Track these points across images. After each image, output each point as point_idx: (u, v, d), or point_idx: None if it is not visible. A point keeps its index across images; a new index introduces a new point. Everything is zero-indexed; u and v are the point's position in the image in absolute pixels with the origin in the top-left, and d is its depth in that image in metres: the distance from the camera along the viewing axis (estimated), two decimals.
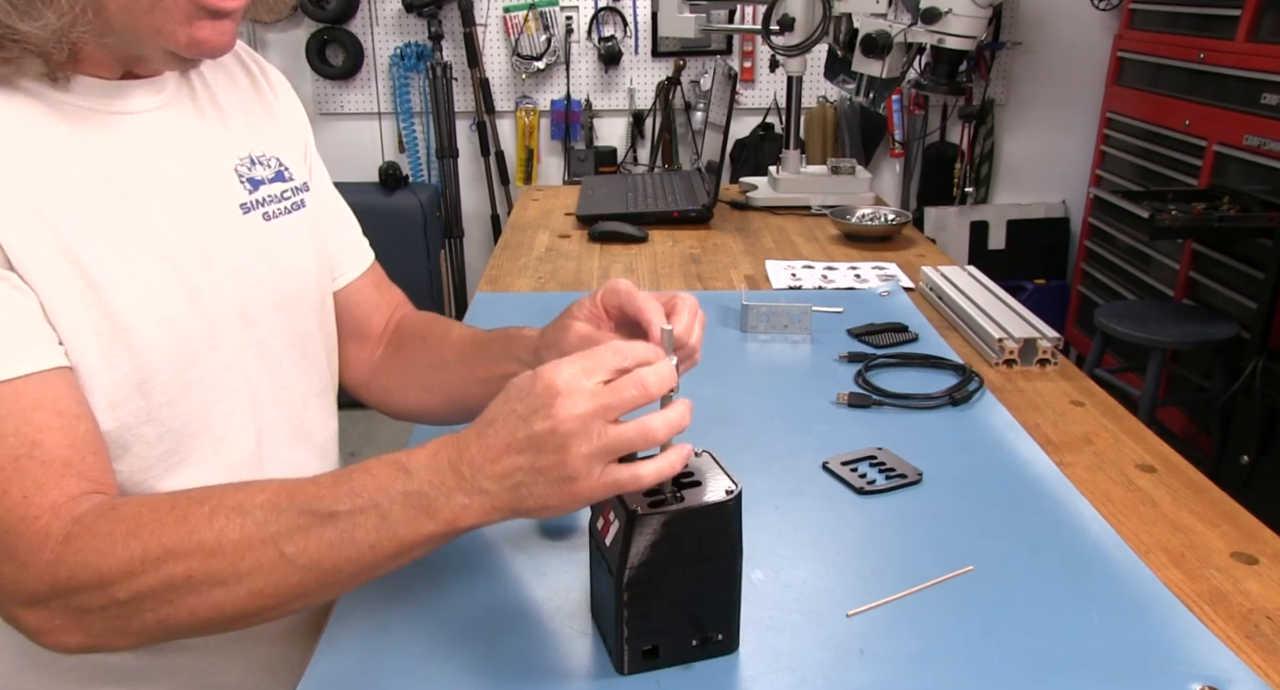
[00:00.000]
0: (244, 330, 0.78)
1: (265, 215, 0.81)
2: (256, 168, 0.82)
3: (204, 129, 0.78)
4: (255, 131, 0.83)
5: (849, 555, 0.84)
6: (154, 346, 0.69)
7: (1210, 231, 2.52)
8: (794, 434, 1.07)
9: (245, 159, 0.81)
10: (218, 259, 0.75)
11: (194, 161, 0.76)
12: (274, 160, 0.84)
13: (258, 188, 0.81)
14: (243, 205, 0.79)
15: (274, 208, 0.82)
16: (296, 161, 0.88)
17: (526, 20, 3.33)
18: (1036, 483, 0.96)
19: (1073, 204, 3.60)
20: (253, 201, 0.80)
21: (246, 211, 0.79)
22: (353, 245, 0.98)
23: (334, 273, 0.94)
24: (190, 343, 0.73)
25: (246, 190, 0.80)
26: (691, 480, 0.67)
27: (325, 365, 0.91)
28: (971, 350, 1.32)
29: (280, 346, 0.82)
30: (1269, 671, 0.70)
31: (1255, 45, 2.56)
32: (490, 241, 3.57)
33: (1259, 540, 0.87)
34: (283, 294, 0.82)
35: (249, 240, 0.78)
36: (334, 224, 0.95)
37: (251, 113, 0.84)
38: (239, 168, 0.80)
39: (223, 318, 0.75)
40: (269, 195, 0.82)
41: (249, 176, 0.80)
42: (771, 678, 0.69)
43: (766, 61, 3.41)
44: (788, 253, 1.79)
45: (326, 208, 0.94)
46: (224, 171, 0.79)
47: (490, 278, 1.66)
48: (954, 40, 1.86)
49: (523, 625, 0.75)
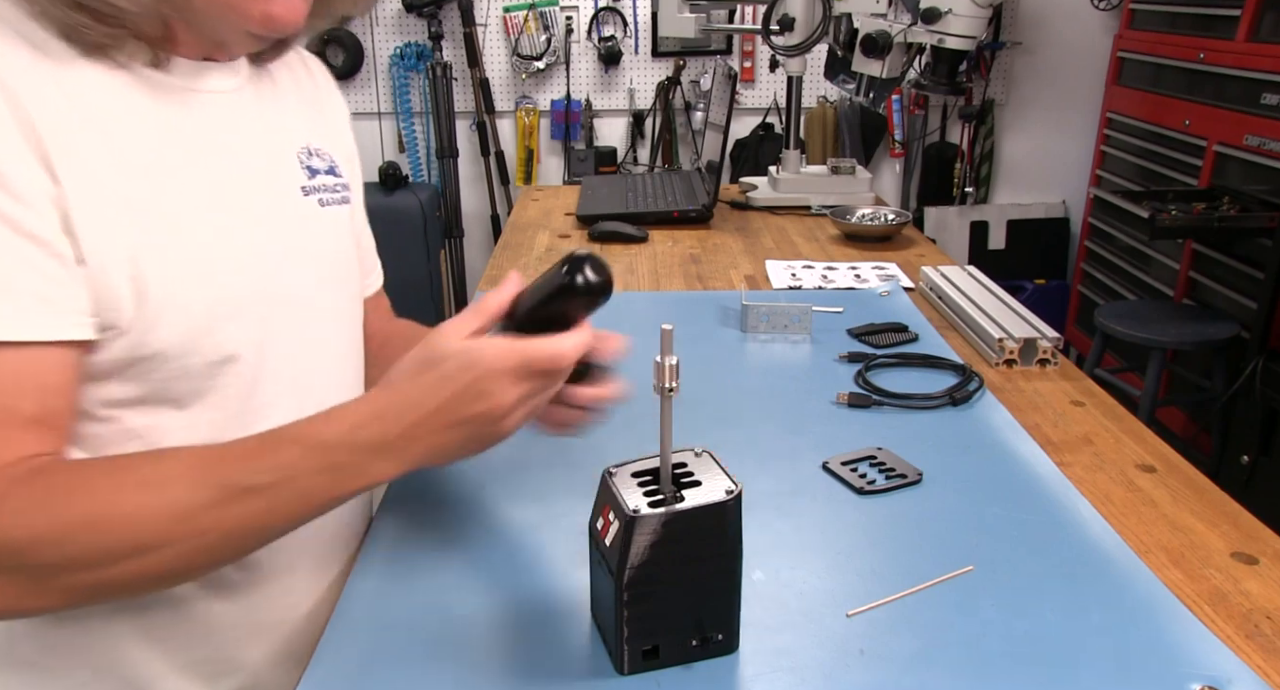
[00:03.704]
0: (305, 302, 0.82)
1: (321, 201, 0.85)
2: (314, 158, 0.86)
3: (273, 114, 0.83)
4: (312, 125, 0.88)
5: (849, 555, 0.84)
6: (229, 300, 0.73)
7: (1210, 231, 2.52)
8: (794, 434, 1.07)
9: (304, 149, 0.85)
10: (282, 231, 0.80)
11: (263, 141, 0.80)
12: (328, 155, 0.88)
13: (315, 176, 0.85)
14: (303, 188, 0.83)
15: (328, 196, 0.86)
16: (342, 161, 0.91)
17: (526, 20, 3.33)
18: (1036, 483, 0.96)
19: (1073, 204, 3.60)
20: (311, 186, 0.84)
21: (306, 194, 0.84)
22: (371, 262, 1.02)
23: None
24: (263, 302, 0.77)
25: (306, 175, 0.84)
26: (691, 480, 0.67)
27: (358, 365, 0.95)
28: (971, 350, 1.32)
29: (327, 319, 0.86)
30: (1269, 671, 0.70)
31: (1255, 45, 2.56)
32: (490, 241, 3.57)
33: (1259, 540, 0.87)
34: (335, 272, 0.87)
35: (306, 221, 0.83)
36: (362, 234, 0.98)
37: (309, 106, 0.89)
38: (300, 154, 0.84)
39: (285, 285, 0.79)
40: (324, 184, 0.86)
41: (307, 164, 0.85)
42: (771, 678, 0.69)
43: (766, 61, 3.42)
44: (788, 253, 1.79)
45: (358, 215, 0.96)
46: (288, 155, 0.83)
47: (490, 278, 1.66)
48: (954, 40, 1.86)
49: (523, 625, 0.75)
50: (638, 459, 0.69)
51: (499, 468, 0.97)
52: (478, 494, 0.94)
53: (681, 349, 0.54)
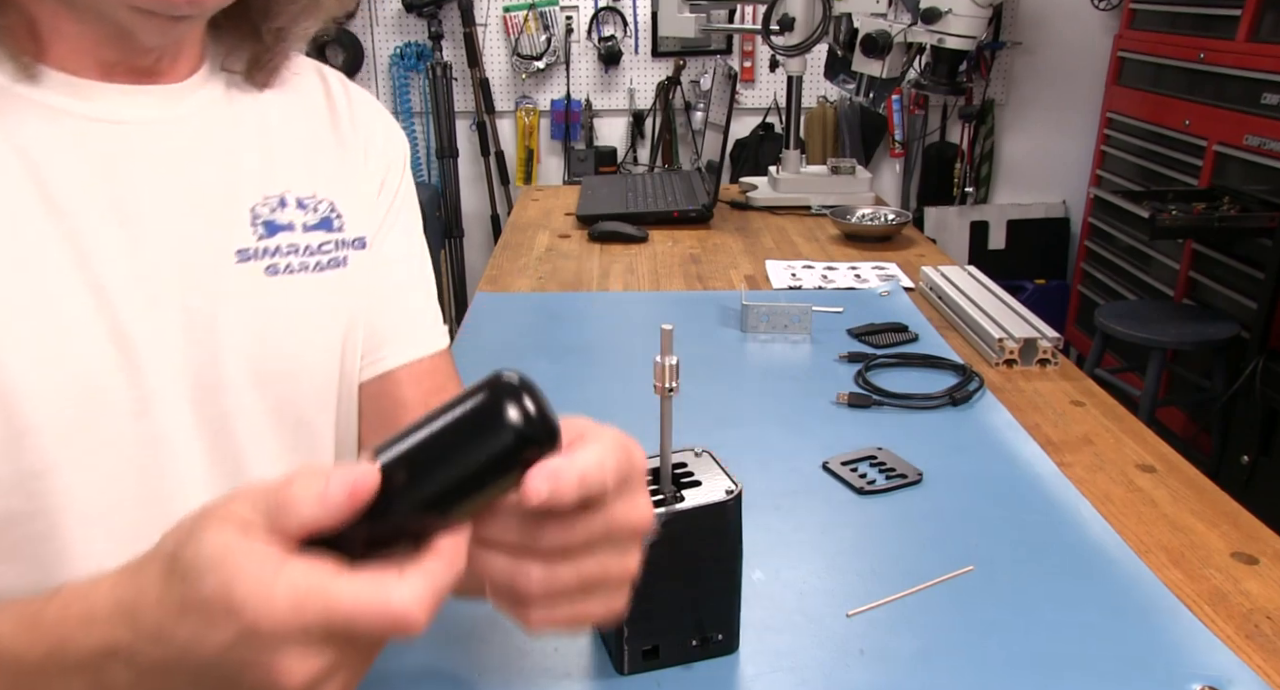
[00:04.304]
0: (198, 403, 0.63)
1: (270, 268, 0.66)
2: (286, 211, 0.68)
3: (226, 156, 0.66)
4: (310, 169, 0.70)
5: (849, 555, 0.84)
6: (36, 396, 0.55)
7: (1210, 231, 2.52)
8: (794, 434, 1.07)
9: (274, 199, 0.67)
10: (179, 308, 0.61)
11: (189, 190, 0.63)
12: (325, 205, 0.70)
13: (274, 234, 0.67)
14: (242, 251, 0.65)
15: (290, 261, 0.67)
16: (359, 209, 0.73)
17: (526, 20, 3.33)
18: (1036, 483, 0.96)
19: (1073, 204, 3.60)
20: (258, 249, 0.66)
21: (244, 259, 0.65)
22: (410, 324, 0.77)
23: (368, 355, 0.74)
24: (99, 401, 0.58)
25: (255, 235, 0.66)
26: (692, 480, 0.67)
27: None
28: (971, 350, 1.32)
29: (253, 431, 0.66)
30: (1269, 671, 0.70)
31: (1255, 45, 2.56)
32: (490, 241, 3.57)
33: (1259, 540, 0.87)
34: (267, 367, 0.66)
35: (234, 294, 0.64)
36: (394, 293, 0.76)
37: (314, 148, 0.72)
38: (258, 208, 0.66)
39: (165, 381, 0.61)
40: (289, 245, 0.67)
41: (267, 220, 0.67)
42: (771, 678, 0.69)
43: (766, 61, 3.41)
44: (788, 253, 1.79)
45: (393, 271, 0.76)
46: (231, 208, 0.65)
47: (490, 278, 1.66)
48: (954, 40, 1.86)
49: None
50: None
51: None
52: None
53: (681, 349, 0.54)
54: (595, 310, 1.50)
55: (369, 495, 0.39)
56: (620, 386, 1.19)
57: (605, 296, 1.56)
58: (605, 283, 1.62)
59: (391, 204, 0.76)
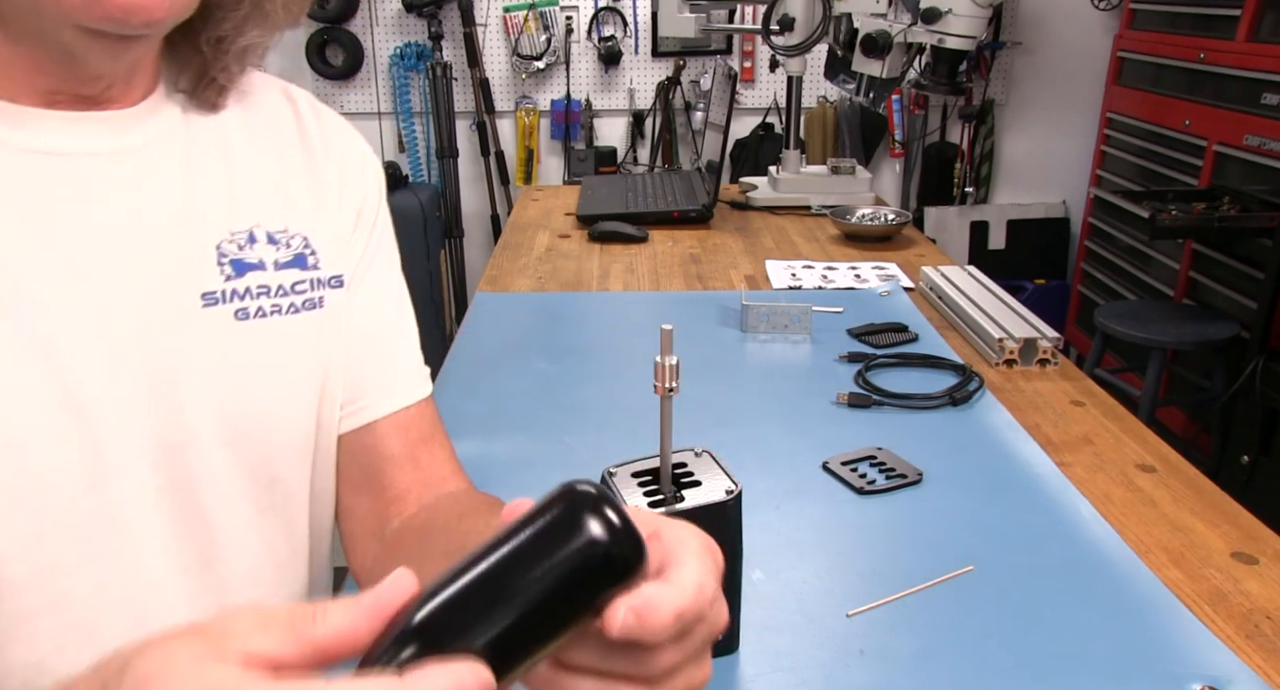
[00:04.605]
0: (161, 467, 0.57)
1: (240, 312, 0.60)
2: (256, 248, 0.61)
3: (187, 188, 0.59)
4: (281, 201, 0.64)
5: (849, 555, 0.84)
6: None
7: (1210, 231, 2.52)
8: (794, 434, 1.07)
9: (242, 235, 0.61)
10: (139, 363, 0.55)
11: (146, 229, 0.56)
12: (298, 240, 0.64)
13: (243, 274, 0.60)
14: (208, 295, 0.59)
15: (262, 304, 0.61)
16: (335, 244, 0.66)
17: (526, 20, 3.33)
18: (1036, 483, 0.96)
19: (1073, 204, 3.60)
20: (227, 292, 0.59)
21: (210, 304, 0.59)
22: (392, 370, 0.71)
23: (348, 406, 0.68)
24: (44, 473, 0.52)
25: (223, 276, 0.59)
26: (692, 480, 0.67)
27: (303, 526, 0.67)
28: (971, 350, 1.32)
29: (223, 493, 0.60)
30: (1269, 671, 0.70)
31: (1255, 45, 2.56)
32: (490, 241, 3.56)
33: (1259, 540, 0.87)
34: (238, 421, 0.60)
35: (201, 343, 0.58)
36: (374, 336, 0.69)
37: (285, 178, 0.65)
38: (225, 245, 0.60)
39: (124, 446, 0.55)
40: (259, 286, 0.61)
41: (235, 258, 0.60)
42: (771, 678, 0.69)
43: (766, 61, 3.41)
44: (788, 253, 1.79)
45: (372, 311, 0.69)
46: (195, 248, 0.59)
47: (490, 278, 1.66)
48: (954, 40, 1.86)
49: None
50: (638, 459, 0.69)
51: (499, 467, 0.97)
52: None
53: (681, 349, 0.54)
54: (595, 310, 1.50)
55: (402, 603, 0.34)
56: (620, 386, 1.19)
57: (605, 296, 1.56)
58: (605, 283, 1.62)
59: (369, 238, 0.70)
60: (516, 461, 0.98)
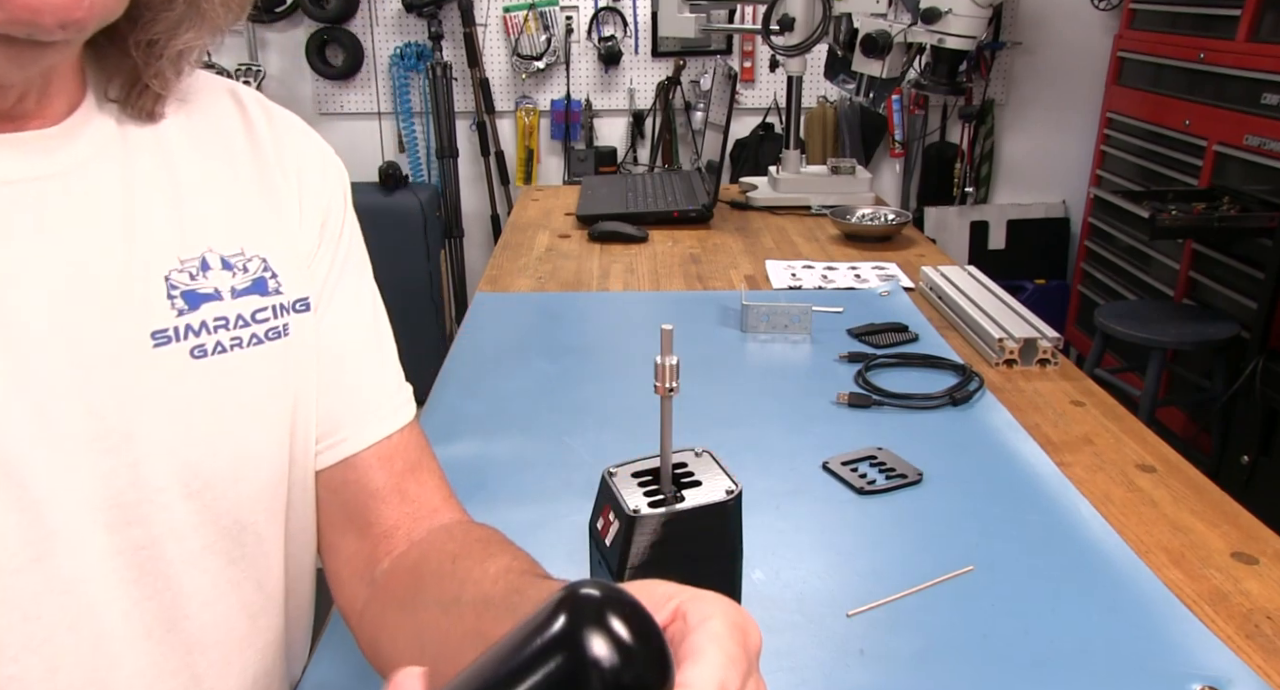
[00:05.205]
0: (115, 528, 0.51)
1: (197, 350, 0.54)
2: (210, 275, 0.55)
3: (127, 215, 0.52)
4: (234, 220, 0.57)
5: (849, 555, 0.84)
6: None
7: (1210, 231, 2.52)
8: (794, 434, 1.07)
9: (193, 262, 0.54)
10: (78, 414, 0.49)
11: (81, 264, 0.50)
12: (256, 262, 0.57)
13: (196, 307, 0.54)
14: (158, 333, 0.52)
15: (220, 338, 0.55)
16: (297, 264, 0.60)
17: (526, 20, 3.33)
18: (1036, 483, 0.96)
19: (1073, 204, 3.60)
20: (180, 328, 0.53)
21: (162, 343, 0.52)
22: (371, 396, 0.64)
23: (324, 440, 0.62)
24: None
25: (174, 310, 0.53)
26: (692, 480, 0.67)
27: (277, 572, 0.61)
28: (971, 350, 1.32)
29: (187, 550, 0.54)
30: (1269, 671, 0.70)
31: (1255, 45, 2.56)
32: (490, 241, 3.57)
33: (1259, 540, 0.87)
34: (200, 471, 0.54)
35: (154, 388, 0.52)
36: (349, 360, 0.63)
37: (237, 193, 0.58)
38: (175, 275, 0.53)
39: (69, 508, 0.49)
40: (216, 319, 0.55)
41: (188, 289, 0.54)
42: (771, 678, 0.69)
43: (766, 61, 3.41)
44: (788, 253, 1.79)
45: (344, 334, 0.63)
46: (140, 281, 0.52)
47: (490, 278, 1.66)
48: (954, 40, 1.86)
49: None
50: (638, 459, 0.69)
51: (499, 467, 0.97)
52: (477, 494, 0.94)
53: (681, 349, 0.54)
54: (595, 310, 1.50)
55: None
56: (620, 386, 1.19)
57: (605, 296, 1.56)
58: (605, 283, 1.62)
59: (335, 250, 0.63)
60: (516, 461, 0.98)
